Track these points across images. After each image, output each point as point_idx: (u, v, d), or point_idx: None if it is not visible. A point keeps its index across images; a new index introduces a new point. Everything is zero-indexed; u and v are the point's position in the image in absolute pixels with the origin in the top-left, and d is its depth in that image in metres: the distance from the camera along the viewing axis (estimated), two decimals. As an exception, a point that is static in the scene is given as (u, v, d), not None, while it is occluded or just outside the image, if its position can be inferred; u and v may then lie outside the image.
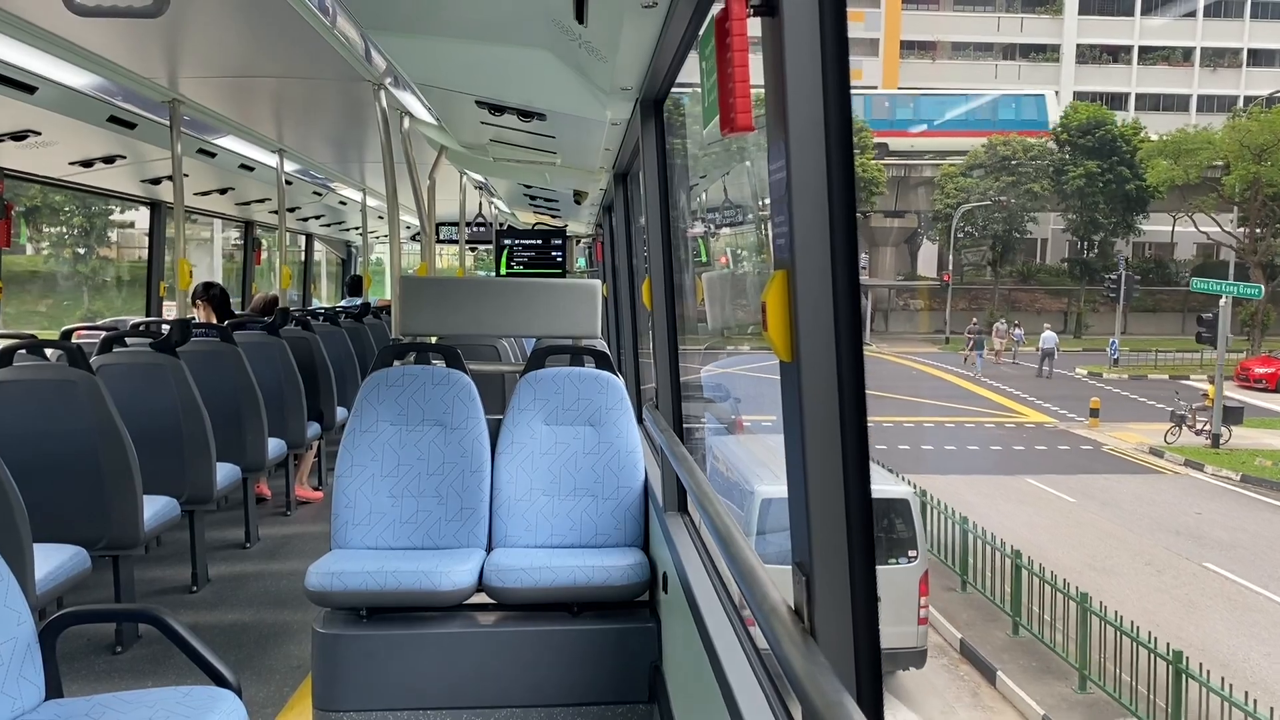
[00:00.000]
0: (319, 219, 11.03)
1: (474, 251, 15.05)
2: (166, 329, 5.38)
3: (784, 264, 1.37)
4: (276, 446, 5.98)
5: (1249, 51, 54.79)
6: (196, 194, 7.39)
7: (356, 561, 3.34)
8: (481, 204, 11.75)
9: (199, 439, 4.84)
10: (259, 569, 5.41)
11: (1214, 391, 24.57)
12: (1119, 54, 55.58)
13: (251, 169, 6.72)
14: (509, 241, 10.78)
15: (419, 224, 5.89)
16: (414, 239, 12.74)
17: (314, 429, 6.73)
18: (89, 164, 5.62)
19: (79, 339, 4.97)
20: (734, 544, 1.84)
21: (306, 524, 6.35)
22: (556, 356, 4.05)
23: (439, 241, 11.96)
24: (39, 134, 4.71)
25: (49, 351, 4.48)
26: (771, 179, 1.41)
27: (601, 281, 6.32)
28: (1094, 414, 26.68)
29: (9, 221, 5.61)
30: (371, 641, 3.31)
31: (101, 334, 5.45)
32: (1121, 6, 55.14)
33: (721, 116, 1.56)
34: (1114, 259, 44.53)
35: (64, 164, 5.59)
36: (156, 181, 6.54)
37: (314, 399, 6.78)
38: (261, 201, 8.38)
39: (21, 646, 2.39)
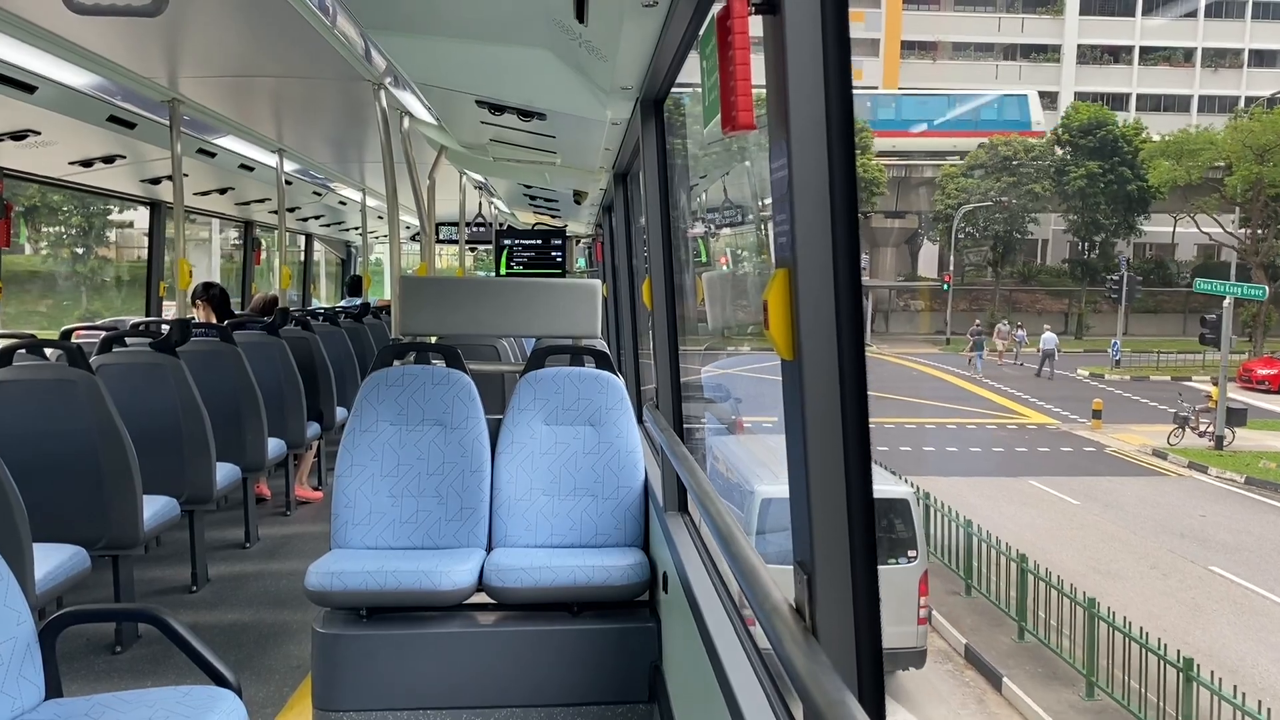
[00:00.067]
0: (319, 219, 11.02)
1: (473, 252, 15.04)
2: (166, 329, 5.38)
3: (785, 262, 1.37)
4: (276, 446, 5.98)
5: (1250, 52, 54.78)
6: (196, 194, 7.39)
7: (356, 561, 3.34)
8: (481, 204, 11.75)
9: (199, 439, 4.84)
10: (259, 569, 5.40)
11: (1217, 393, 24.47)
12: (1120, 54, 55.56)
13: (251, 169, 6.72)
14: (509, 241, 10.78)
15: (419, 224, 5.88)
16: (414, 239, 12.74)
17: (314, 429, 6.73)
18: (89, 164, 5.62)
19: (78, 339, 4.96)
20: (735, 543, 1.84)
21: (306, 524, 6.35)
22: (556, 356, 4.05)
23: (439, 241, 11.96)
24: (39, 133, 4.70)
25: (49, 351, 4.48)
26: (773, 177, 1.40)
27: (601, 281, 6.31)
28: (1096, 415, 26.57)
29: (8, 221, 5.61)
30: (371, 641, 3.30)
31: (101, 334, 5.45)
32: (1123, 7, 55.12)
33: (723, 115, 1.56)
34: (1115, 260, 44.45)
35: (64, 164, 5.59)
36: (156, 181, 6.54)
37: (314, 399, 6.79)
38: (261, 201, 8.38)
39: (21, 646, 2.39)
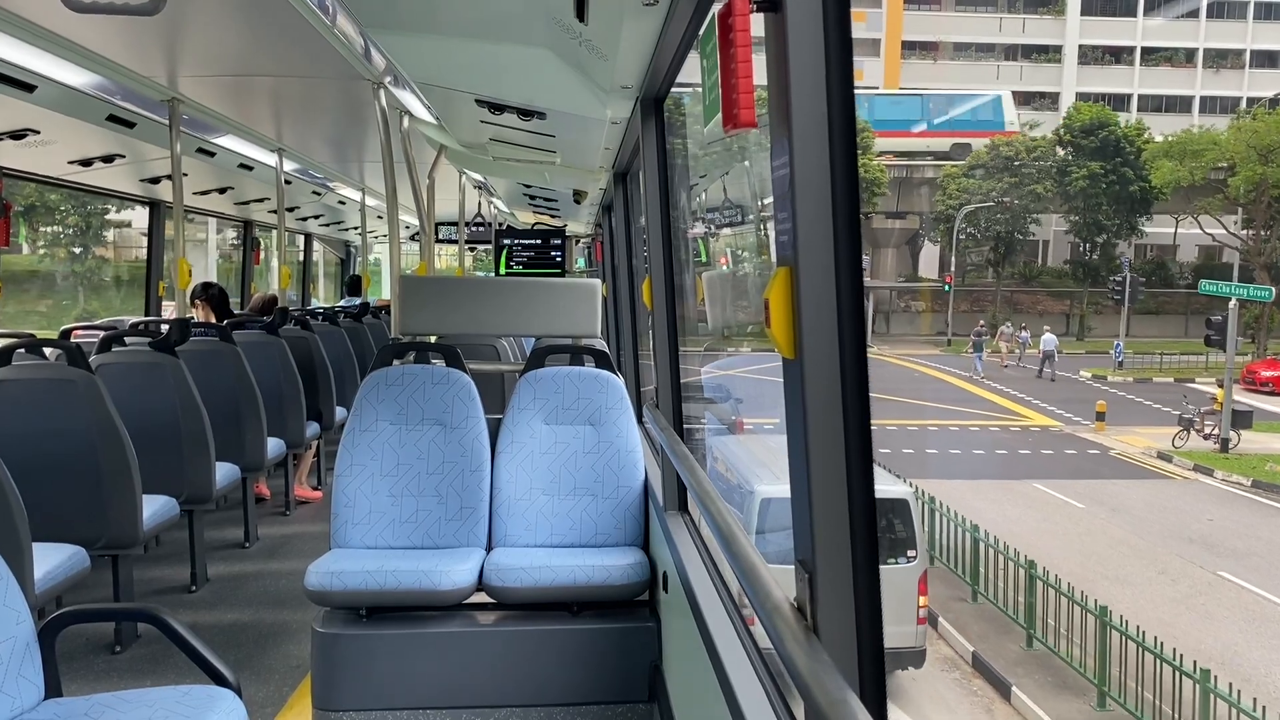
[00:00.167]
0: (318, 218, 11.02)
1: (473, 251, 15.03)
2: (165, 328, 5.38)
3: (787, 261, 1.37)
4: (276, 446, 5.98)
5: (1252, 52, 54.75)
6: (196, 193, 7.39)
7: (356, 561, 3.33)
8: (481, 203, 11.74)
9: (198, 438, 4.84)
10: (258, 568, 5.40)
11: (1222, 395, 24.25)
12: (1121, 55, 55.55)
13: (251, 168, 6.72)
14: (508, 241, 10.78)
15: (418, 224, 5.88)
16: (413, 239, 12.73)
17: (313, 428, 6.73)
18: (88, 163, 5.61)
19: (77, 338, 4.96)
20: (735, 542, 1.84)
21: (306, 523, 6.34)
22: (556, 356, 4.04)
23: (438, 241, 11.95)
24: (38, 133, 4.70)
25: (48, 351, 4.47)
26: (775, 175, 1.40)
27: (601, 281, 6.31)
28: (1100, 417, 26.36)
29: (8, 221, 5.60)
30: (371, 641, 3.30)
31: (100, 333, 5.45)
32: (1124, 7, 55.10)
33: (724, 113, 1.56)
34: (1117, 261, 44.35)
35: (63, 163, 5.58)
36: (156, 181, 6.53)
37: (313, 398, 6.78)
38: (260, 201, 8.38)
39: (20, 646, 2.38)
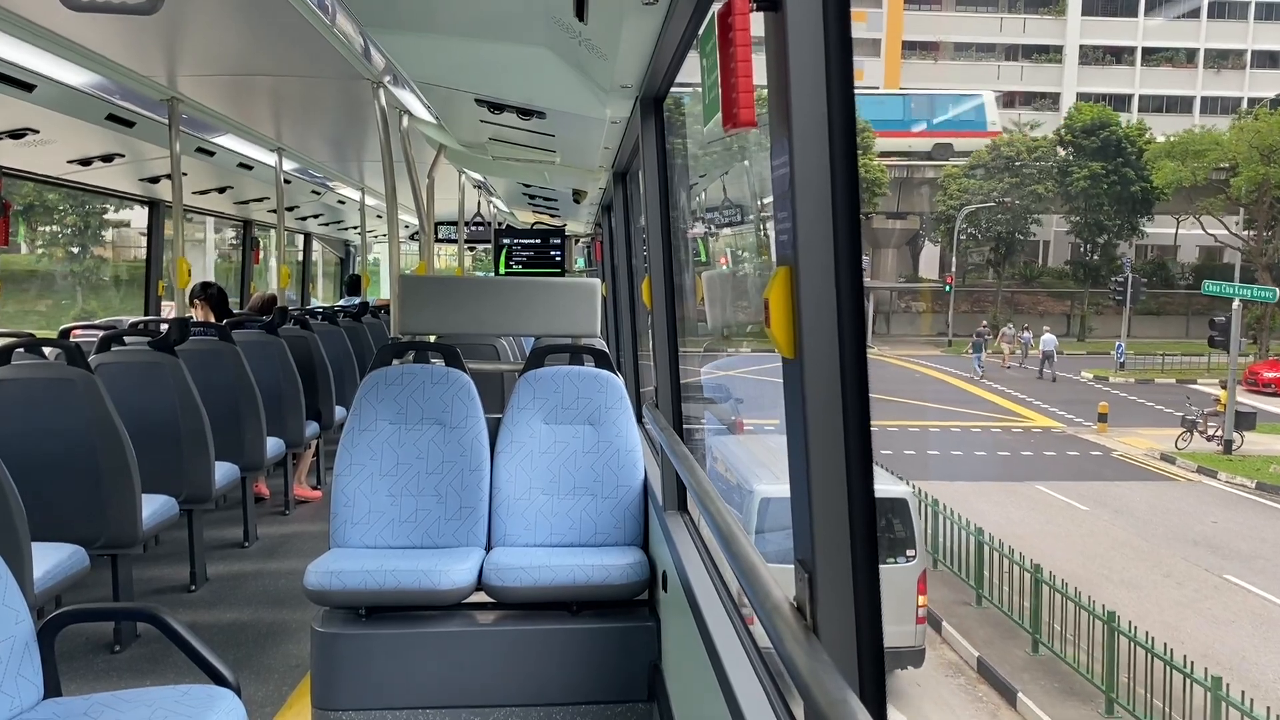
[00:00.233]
0: (317, 218, 11.02)
1: (472, 251, 15.02)
2: (165, 328, 5.38)
3: (787, 260, 1.37)
4: (275, 445, 5.98)
5: (1253, 53, 54.70)
6: (195, 193, 7.39)
7: (355, 560, 3.33)
8: (480, 203, 11.74)
9: (197, 438, 4.84)
10: (257, 568, 5.40)
11: (1225, 396, 24.09)
12: (1122, 55, 55.52)
13: (250, 168, 6.72)
14: (508, 241, 10.78)
15: (418, 223, 5.88)
16: (412, 238, 12.73)
17: (312, 428, 6.73)
18: (87, 162, 5.61)
19: (77, 338, 4.96)
20: (735, 541, 1.84)
21: (305, 523, 6.34)
22: (556, 355, 4.04)
23: (438, 241, 11.95)
24: (37, 132, 4.69)
25: (47, 350, 4.47)
26: (774, 175, 1.40)
27: (600, 281, 6.32)
28: (1102, 419, 26.23)
29: (7, 220, 5.60)
30: (370, 640, 3.30)
31: (99, 333, 5.44)
32: (1125, 7, 55.08)
33: (724, 112, 1.55)
34: (1118, 261, 44.28)
35: (62, 162, 5.58)
36: (155, 180, 6.53)
37: (312, 398, 6.78)
38: (260, 200, 8.38)
39: (20, 645, 2.38)
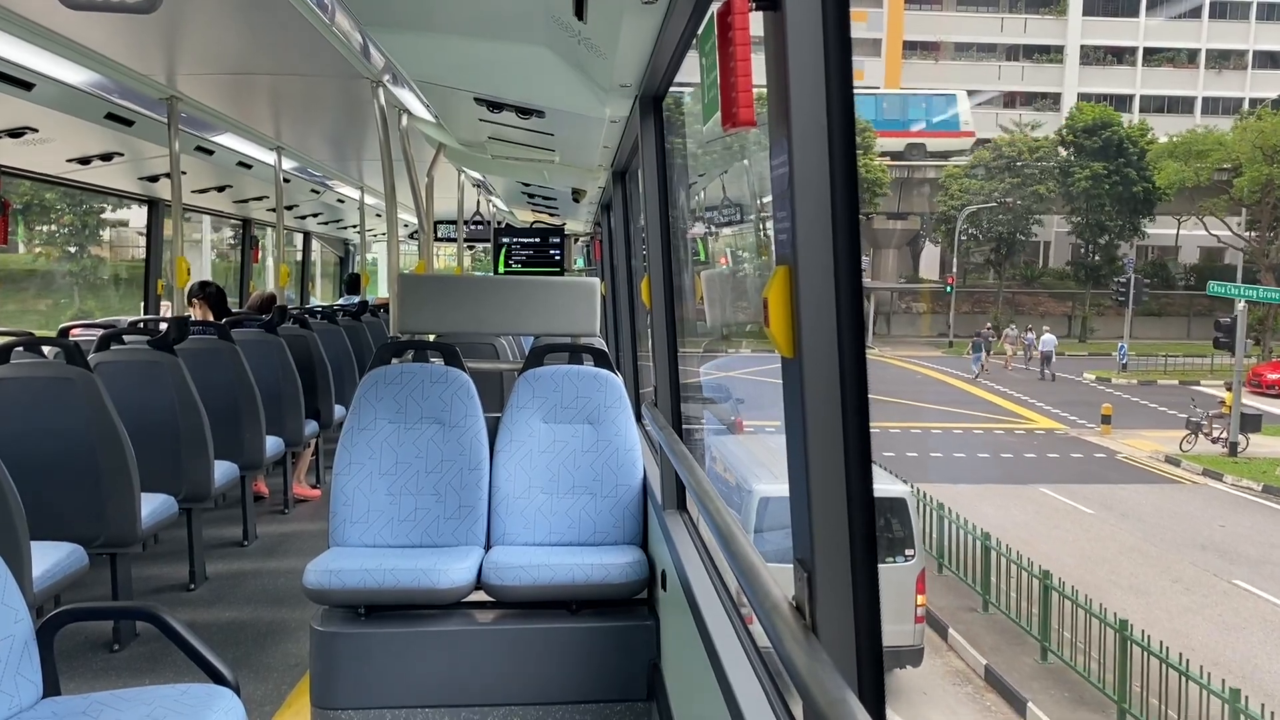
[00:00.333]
0: (316, 217, 11.01)
1: (471, 250, 15.02)
2: (164, 327, 5.38)
3: (786, 259, 1.37)
4: (274, 444, 5.97)
5: (1254, 53, 54.65)
6: (194, 192, 7.38)
7: (355, 559, 3.33)
8: (480, 202, 11.74)
9: (197, 437, 4.84)
10: (257, 567, 5.39)
11: (1230, 398, 23.95)
12: (1123, 55, 55.48)
13: (249, 166, 6.71)
14: (507, 240, 10.78)
15: (417, 222, 5.88)
16: (412, 237, 12.73)
17: (312, 427, 6.72)
18: (86, 161, 5.61)
19: (76, 337, 4.95)
20: (734, 540, 1.84)
21: (304, 522, 6.34)
22: (555, 354, 4.04)
23: (437, 240, 11.94)
24: (36, 131, 4.69)
25: (46, 349, 4.47)
26: (774, 174, 1.40)
27: (599, 280, 6.32)
28: (1106, 420, 26.09)
29: (6, 219, 5.59)
30: (370, 639, 3.30)
31: (98, 331, 5.44)
32: (1126, 7, 55.04)
33: (723, 112, 1.55)
34: (1120, 262, 44.21)
35: (61, 161, 5.57)
36: (154, 179, 6.53)
37: (312, 397, 6.78)
38: (259, 199, 8.37)
39: (19, 644, 2.38)
